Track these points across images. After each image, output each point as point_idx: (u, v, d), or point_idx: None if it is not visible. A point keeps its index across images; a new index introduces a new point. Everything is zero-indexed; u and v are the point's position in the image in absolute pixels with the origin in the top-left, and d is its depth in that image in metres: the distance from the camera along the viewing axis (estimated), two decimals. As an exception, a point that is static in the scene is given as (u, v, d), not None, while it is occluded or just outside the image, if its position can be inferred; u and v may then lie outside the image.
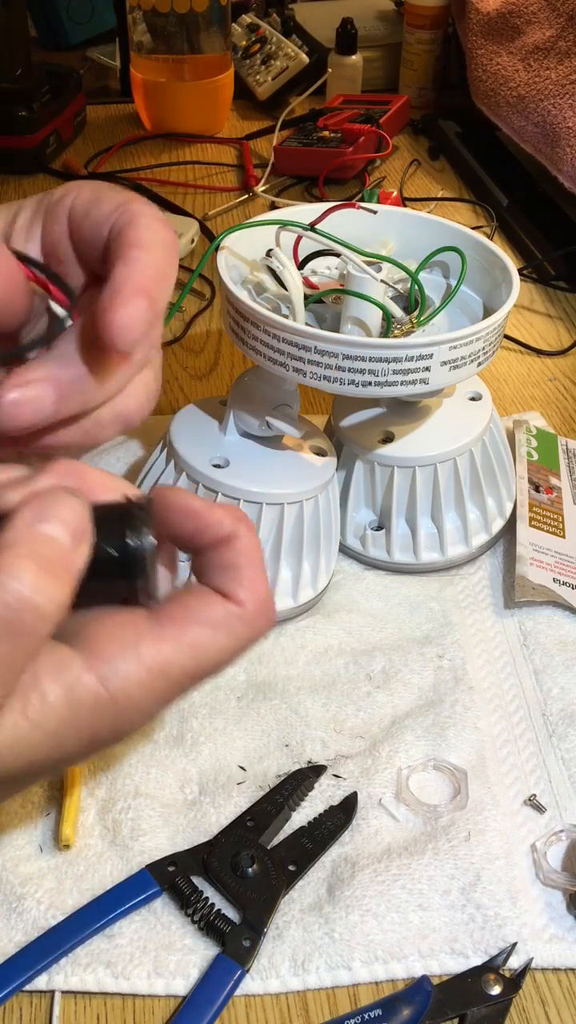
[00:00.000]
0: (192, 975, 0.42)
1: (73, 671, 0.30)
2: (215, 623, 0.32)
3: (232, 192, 1.05)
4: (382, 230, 0.60)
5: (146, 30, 1.10)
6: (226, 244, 0.55)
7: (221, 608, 0.32)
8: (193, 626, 0.31)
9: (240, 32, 1.25)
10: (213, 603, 0.32)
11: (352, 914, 0.44)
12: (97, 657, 0.30)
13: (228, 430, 0.56)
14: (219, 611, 0.32)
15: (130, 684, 0.30)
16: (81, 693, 0.30)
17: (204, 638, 0.31)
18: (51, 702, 0.29)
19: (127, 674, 0.30)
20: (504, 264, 0.55)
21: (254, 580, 0.32)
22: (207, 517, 0.32)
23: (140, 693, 0.30)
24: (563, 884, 0.45)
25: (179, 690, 0.32)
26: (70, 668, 0.30)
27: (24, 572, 0.28)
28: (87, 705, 0.30)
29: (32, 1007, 0.42)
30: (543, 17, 0.98)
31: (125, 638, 0.31)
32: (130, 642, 0.31)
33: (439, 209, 1.01)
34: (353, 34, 1.15)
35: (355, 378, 0.50)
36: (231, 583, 0.32)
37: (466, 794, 0.49)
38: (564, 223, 0.94)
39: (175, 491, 0.33)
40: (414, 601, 0.59)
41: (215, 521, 0.32)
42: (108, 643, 0.31)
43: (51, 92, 1.08)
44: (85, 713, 0.30)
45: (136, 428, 0.36)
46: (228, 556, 0.32)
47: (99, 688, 0.30)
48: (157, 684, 0.31)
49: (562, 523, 0.63)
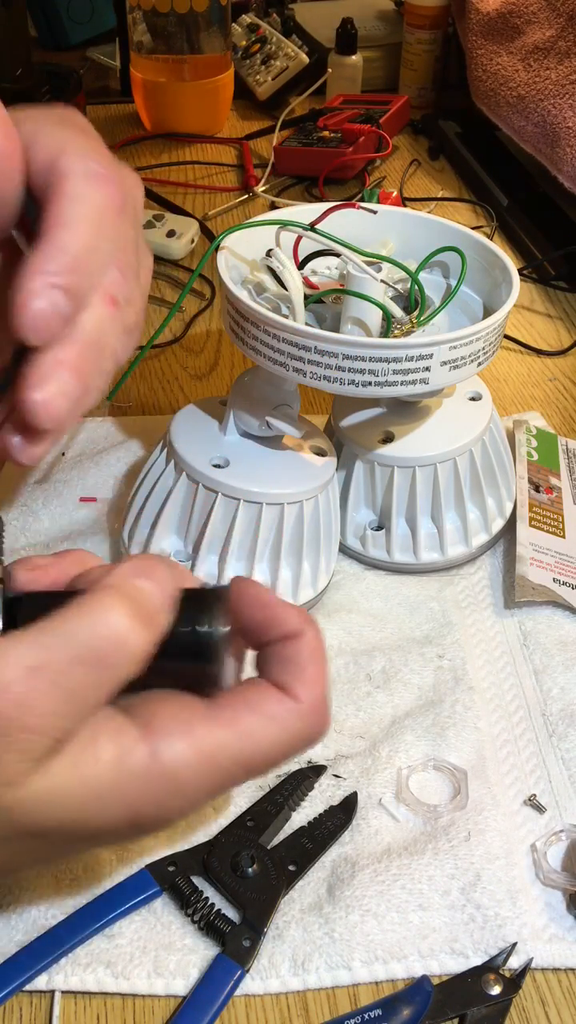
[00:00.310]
0: (192, 975, 0.42)
1: (128, 738, 0.30)
2: (271, 715, 0.31)
3: (232, 192, 1.05)
4: (382, 230, 0.60)
5: (146, 30, 1.10)
6: (226, 244, 0.55)
7: (277, 701, 0.32)
8: (248, 715, 0.31)
9: (240, 32, 1.25)
10: (270, 695, 0.32)
11: (352, 914, 0.44)
12: (152, 732, 0.30)
13: (228, 430, 0.56)
14: (275, 704, 0.32)
15: (180, 763, 0.30)
16: (131, 762, 0.29)
17: (257, 728, 0.31)
18: (103, 761, 0.29)
19: (178, 752, 0.30)
20: (504, 264, 0.55)
21: (314, 679, 0.32)
22: (277, 610, 0.33)
23: (188, 774, 0.30)
24: (563, 884, 0.45)
25: (228, 779, 0.31)
26: (126, 734, 0.30)
27: (118, 611, 0.29)
28: (136, 775, 0.29)
29: (32, 1007, 0.42)
30: (543, 17, 0.97)
31: (181, 718, 0.31)
32: (185, 722, 0.31)
33: (439, 209, 1.01)
34: (353, 34, 1.15)
35: (355, 378, 0.50)
36: (290, 678, 0.32)
37: (466, 794, 0.49)
38: (564, 223, 0.94)
39: (250, 582, 0.33)
40: (414, 601, 0.59)
41: (284, 615, 0.33)
42: (163, 720, 0.31)
43: (51, 92, 1.08)
44: (133, 783, 0.30)
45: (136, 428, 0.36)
46: (291, 651, 0.32)
47: (149, 761, 0.30)
48: (206, 768, 0.31)
49: (562, 523, 0.63)
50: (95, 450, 0.69)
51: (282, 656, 0.33)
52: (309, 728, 0.32)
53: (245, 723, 0.31)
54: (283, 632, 0.33)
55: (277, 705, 0.32)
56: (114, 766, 0.29)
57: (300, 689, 0.32)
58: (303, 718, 0.32)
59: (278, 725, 0.32)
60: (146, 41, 1.11)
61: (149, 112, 1.15)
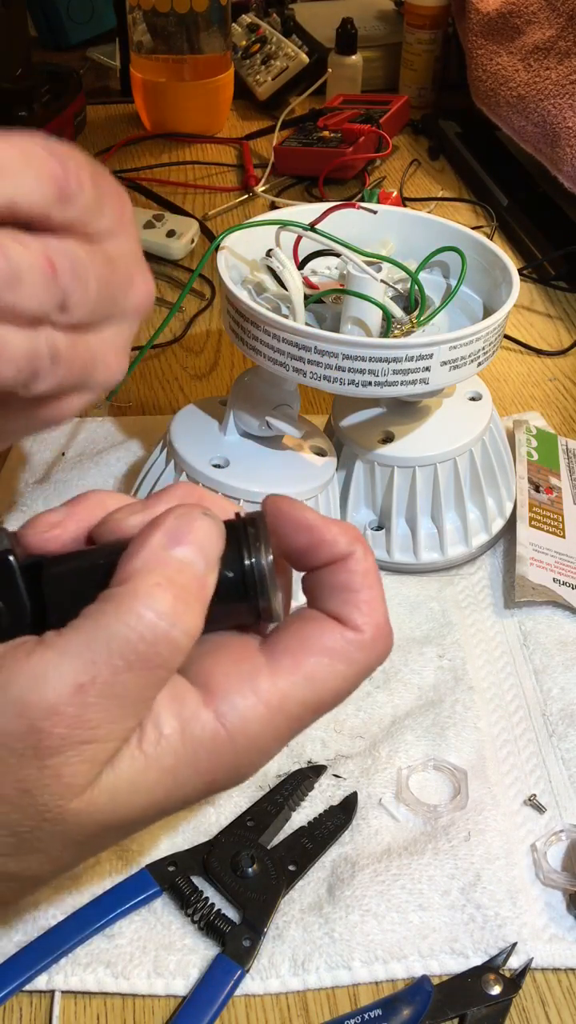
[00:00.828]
0: (192, 975, 0.42)
1: (190, 706, 0.28)
2: (332, 652, 0.30)
3: (232, 192, 1.05)
4: (382, 230, 0.60)
5: (146, 30, 1.10)
6: (226, 244, 0.55)
7: (338, 635, 0.30)
8: (310, 657, 0.30)
9: (240, 32, 1.25)
10: (329, 630, 0.30)
11: (352, 914, 0.44)
12: (213, 693, 0.29)
13: (228, 430, 0.56)
14: (336, 639, 0.30)
15: (248, 722, 0.29)
16: (198, 730, 0.28)
17: (322, 669, 0.30)
18: (167, 735, 0.28)
19: (245, 711, 0.29)
20: (504, 264, 0.55)
21: (371, 604, 0.30)
22: (323, 532, 0.30)
23: (259, 730, 0.29)
24: (563, 884, 0.45)
25: (299, 725, 0.30)
26: (186, 702, 0.29)
27: (160, 602, 0.27)
28: (204, 744, 0.28)
29: (32, 1007, 0.42)
30: (543, 17, 0.98)
31: (241, 673, 0.29)
32: (247, 677, 0.29)
33: (439, 209, 1.01)
34: (353, 34, 1.15)
35: (355, 378, 0.50)
36: (347, 607, 0.30)
37: (466, 794, 0.49)
38: (564, 223, 0.94)
39: (289, 501, 0.31)
40: (414, 601, 0.59)
41: (331, 538, 0.30)
42: (224, 678, 0.29)
43: (51, 92, 1.08)
44: (203, 752, 0.28)
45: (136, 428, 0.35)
46: (343, 577, 0.30)
47: (216, 726, 0.28)
48: (276, 720, 0.29)
49: (562, 523, 0.63)
50: (95, 450, 0.69)
51: (333, 583, 0.30)
52: (373, 656, 0.31)
53: (308, 666, 0.29)
54: (331, 555, 0.30)
55: (338, 640, 0.30)
56: (180, 738, 0.28)
57: (358, 617, 0.30)
58: (365, 648, 0.30)
59: (342, 661, 0.30)
60: (146, 41, 1.11)
61: (149, 112, 1.15)
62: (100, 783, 0.27)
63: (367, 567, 0.31)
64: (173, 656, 0.27)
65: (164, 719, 0.28)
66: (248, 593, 0.29)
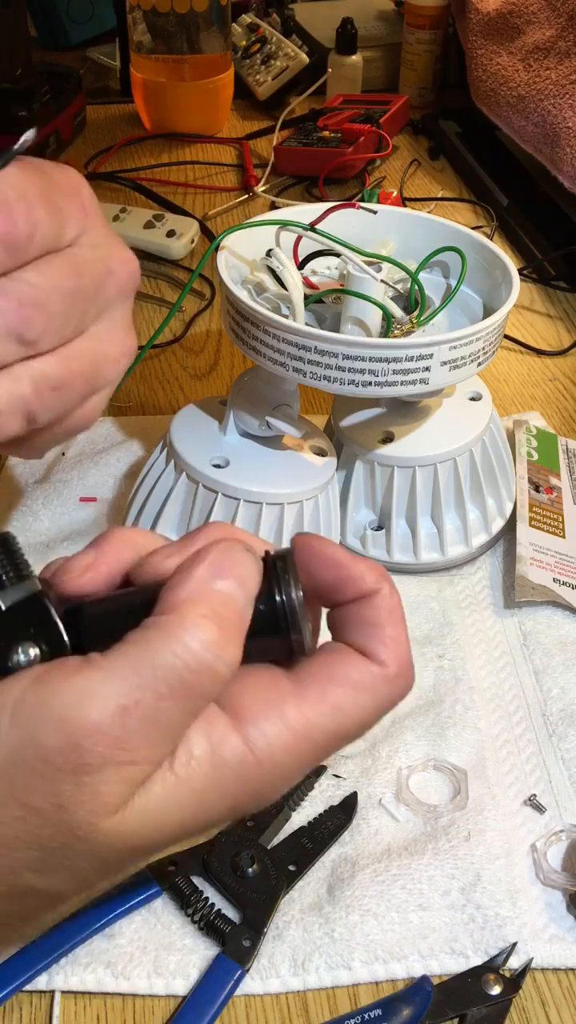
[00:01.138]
0: (192, 975, 0.42)
1: (219, 730, 0.29)
2: (358, 684, 0.31)
3: (232, 192, 1.05)
4: (382, 230, 0.60)
5: (146, 30, 1.10)
6: (226, 244, 0.55)
7: (364, 669, 0.31)
8: (336, 688, 0.30)
9: (240, 32, 1.25)
10: (355, 664, 0.31)
11: (352, 914, 0.44)
12: (242, 718, 0.29)
13: (228, 430, 0.56)
14: (362, 672, 0.31)
15: (275, 748, 0.29)
16: (226, 753, 0.29)
17: (347, 700, 0.30)
18: (198, 757, 0.28)
19: (272, 737, 0.29)
20: (504, 264, 0.55)
21: (396, 640, 0.31)
22: (350, 569, 0.31)
23: (284, 757, 0.29)
24: (563, 884, 0.45)
25: (322, 753, 0.31)
26: (216, 726, 0.29)
27: (206, 633, 0.28)
28: (232, 766, 0.29)
29: (32, 1007, 0.42)
30: (543, 17, 0.98)
31: (269, 700, 0.30)
32: (274, 704, 0.30)
33: (439, 209, 1.01)
34: (353, 34, 1.15)
35: (355, 378, 0.50)
36: (372, 642, 0.31)
37: (466, 794, 0.49)
38: (564, 223, 0.94)
39: (318, 539, 0.32)
40: (414, 601, 0.59)
41: (358, 574, 0.31)
42: (252, 704, 0.30)
43: (51, 92, 1.08)
44: (229, 775, 0.29)
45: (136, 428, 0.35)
46: (369, 613, 0.31)
47: (244, 750, 0.29)
48: (301, 747, 0.30)
49: (562, 523, 0.63)
50: (95, 450, 0.69)
51: (360, 618, 0.31)
52: (396, 690, 0.31)
53: (334, 697, 0.30)
54: (357, 591, 0.31)
55: (364, 673, 0.31)
56: (210, 760, 0.28)
57: (384, 652, 0.31)
58: (390, 682, 0.31)
59: (367, 694, 0.31)
60: (146, 41, 1.11)
61: (149, 112, 1.15)
62: (133, 804, 0.28)
63: (392, 604, 0.32)
64: (214, 686, 0.28)
65: (195, 741, 0.29)
66: (280, 627, 0.30)
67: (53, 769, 0.26)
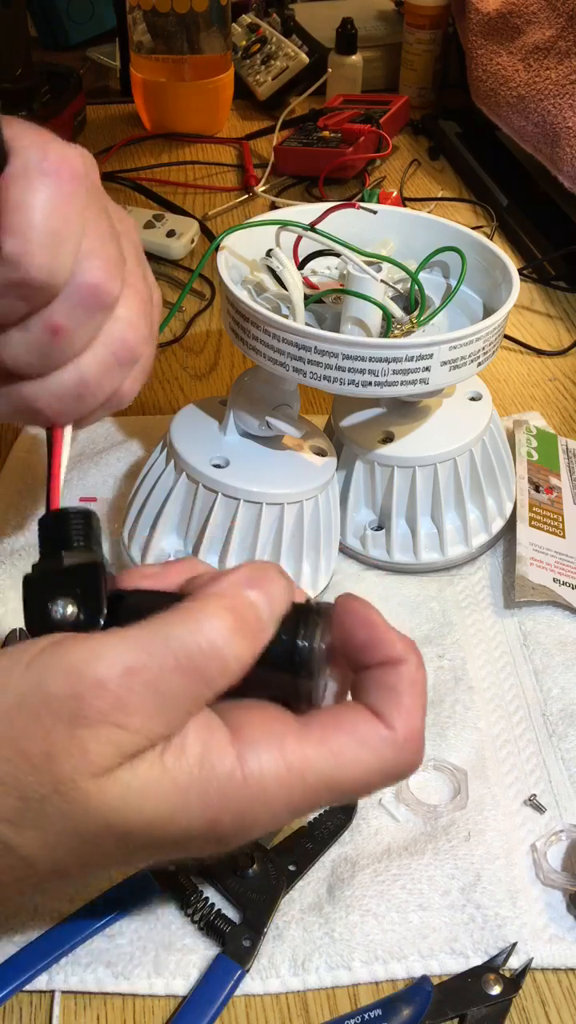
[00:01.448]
0: (192, 975, 0.42)
1: (216, 738, 0.29)
2: (363, 739, 0.31)
3: (232, 192, 1.05)
4: (382, 230, 0.60)
5: (146, 30, 1.10)
6: (226, 244, 0.55)
7: (372, 727, 0.31)
8: (339, 735, 0.31)
9: (240, 32, 1.25)
10: (363, 719, 0.31)
11: (352, 914, 0.44)
12: (241, 738, 0.30)
13: (228, 430, 0.56)
14: (369, 729, 0.31)
15: (265, 774, 0.29)
16: (216, 762, 0.29)
17: (348, 749, 0.30)
18: (188, 754, 0.29)
19: (265, 763, 0.29)
20: (504, 264, 0.55)
21: (412, 711, 0.31)
22: (383, 632, 0.32)
23: (274, 787, 0.30)
24: (563, 884, 0.45)
25: (314, 799, 0.31)
26: (214, 734, 0.30)
27: (223, 622, 0.29)
28: (218, 777, 0.29)
29: (32, 1007, 0.42)
30: (543, 17, 0.98)
31: (272, 730, 0.30)
32: (276, 734, 0.30)
33: (439, 209, 1.01)
34: (353, 34, 1.15)
35: (355, 378, 0.50)
36: (387, 705, 0.31)
37: (466, 794, 0.49)
38: (564, 223, 0.94)
39: (361, 601, 0.33)
40: (414, 601, 0.59)
41: (389, 639, 0.32)
42: (253, 729, 0.30)
43: (51, 92, 1.08)
44: (215, 784, 0.29)
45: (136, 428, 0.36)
46: (392, 679, 0.32)
47: (235, 765, 0.29)
48: (292, 783, 0.30)
49: (562, 523, 0.63)
50: (95, 450, 0.69)
51: (381, 682, 0.32)
52: (401, 760, 0.31)
53: (336, 743, 0.30)
54: (385, 656, 0.32)
55: (370, 730, 0.31)
56: (199, 763, 0.29)
57: (396, 718, 0.31)
58: (395, 748, 0.31)
59: (369, 751, 0.31)
60: (146, 41, 1.11)
61: (149, 112, 1.15)
62: (117, 774, 0.28)
63: (416, 678, 0.32)
64: (219, 676, 0.29)
65: (190, 740, 0.29)
66: (297, 668, 0.31)
67: (52, 715, 0.28)
